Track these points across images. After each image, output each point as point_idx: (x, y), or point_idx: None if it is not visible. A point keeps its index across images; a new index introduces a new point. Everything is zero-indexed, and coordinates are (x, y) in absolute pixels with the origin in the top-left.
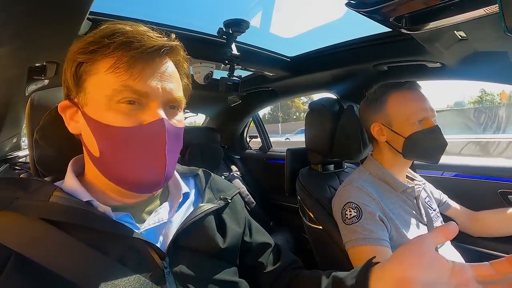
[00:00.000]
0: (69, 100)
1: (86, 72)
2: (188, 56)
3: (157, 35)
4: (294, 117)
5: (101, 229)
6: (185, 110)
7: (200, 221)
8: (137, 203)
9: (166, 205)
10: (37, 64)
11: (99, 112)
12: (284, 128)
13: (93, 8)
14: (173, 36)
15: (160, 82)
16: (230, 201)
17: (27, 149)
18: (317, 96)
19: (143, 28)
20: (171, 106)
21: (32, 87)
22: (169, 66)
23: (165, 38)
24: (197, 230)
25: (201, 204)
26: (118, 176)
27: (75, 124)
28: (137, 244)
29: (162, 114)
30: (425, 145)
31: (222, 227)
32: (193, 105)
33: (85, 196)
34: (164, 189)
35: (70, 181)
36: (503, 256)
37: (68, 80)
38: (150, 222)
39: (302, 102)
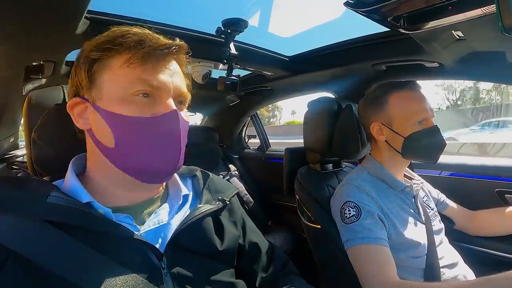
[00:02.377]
0: (79, 97)
1: (100, 68)
2: (188, 57)
3: (163, 37)
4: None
5: (99, 230)
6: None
7: (198, 223)
8: (138, 204)
9: (166, 206)
10: (34, 63)
11: (115, 104)
12: (252, 131)
13: (91, 7)
14: (177, 39)
15: (170, 77)
16: (228, 203)
17: (24, 148)
18: (315, 96)
19: (148, 31)
20: (179, 101)
21: (29, 86)
22: (174, 64)
23: (172, 41)
24: (195, 231)
25: (199, 206)
26: (135, 165)
27: (84, 121)
28: (135, 245)
29: (174, 106)
30: (424, 145)
31: (219, 229)
32: (191, 104)
33: (85, 196)
34: (164, 190)
35: (70, 181)
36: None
37: (81, 78)
38: (150, 224)
39: (267, 109)
